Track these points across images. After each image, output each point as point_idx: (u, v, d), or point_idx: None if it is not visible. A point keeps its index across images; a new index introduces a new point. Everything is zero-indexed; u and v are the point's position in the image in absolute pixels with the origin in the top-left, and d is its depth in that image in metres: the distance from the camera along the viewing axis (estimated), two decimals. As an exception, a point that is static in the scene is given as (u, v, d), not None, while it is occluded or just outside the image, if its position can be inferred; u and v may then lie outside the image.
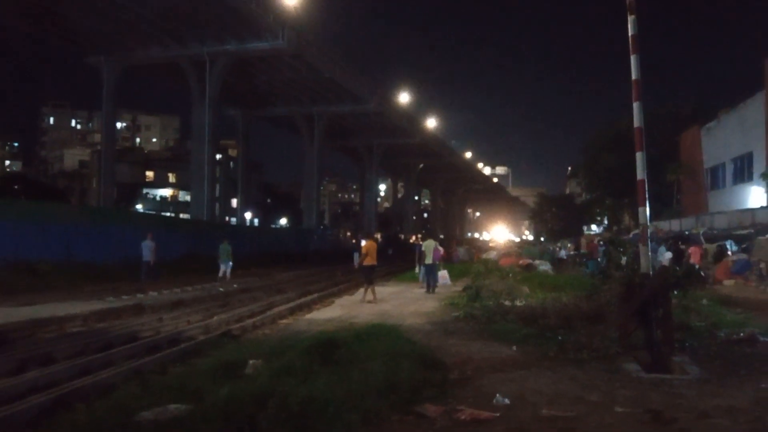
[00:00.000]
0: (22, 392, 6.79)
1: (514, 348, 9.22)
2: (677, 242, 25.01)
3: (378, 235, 73.81)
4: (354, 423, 5.05)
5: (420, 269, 20.43)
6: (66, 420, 5.36)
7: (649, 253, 9.17)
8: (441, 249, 20.43)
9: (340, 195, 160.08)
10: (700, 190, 38.13)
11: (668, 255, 22.27)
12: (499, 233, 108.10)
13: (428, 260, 19.24)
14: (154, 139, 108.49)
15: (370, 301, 16.06)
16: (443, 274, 19.96)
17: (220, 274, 23.56)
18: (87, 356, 8.97)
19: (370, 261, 16.51)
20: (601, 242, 28.12)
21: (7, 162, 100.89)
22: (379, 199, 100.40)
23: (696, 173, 38.50)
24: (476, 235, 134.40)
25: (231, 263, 24.04)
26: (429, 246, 19.57)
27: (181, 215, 57.04)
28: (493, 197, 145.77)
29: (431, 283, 19.08)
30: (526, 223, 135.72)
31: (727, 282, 19.30)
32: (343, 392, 5.64)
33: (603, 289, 12.39)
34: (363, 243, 16.72)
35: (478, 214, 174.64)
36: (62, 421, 5.34)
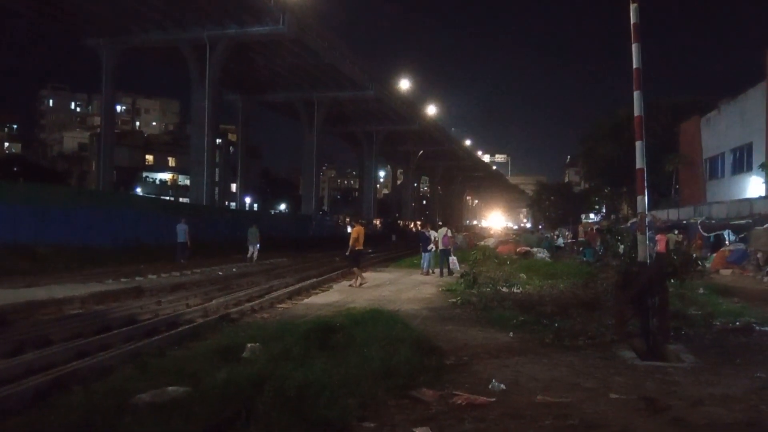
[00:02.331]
0: (19, 374, 6.80)
1: (511, 334, 9.27)
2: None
3: (378, 222, 73.89)
4: (351, 407, 5.07)
5: (423, 256, 20.74)
6: (63, 402, 5.38)
7: (647, 242, 9.19)
8: (450, 235, 21.45)
9: (339, 181, 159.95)
10: (698, 180, 38.11)
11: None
12: (496, 220, 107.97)
13: (440, 245, 20.50)
14: (154, 123, 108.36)
15: (361, 285, 16.17)
16: (453, 260, 20.68)
17: (248, 255, 26.01)
18: (85, 338, 8.99)
19: (359, 246, 16.64)
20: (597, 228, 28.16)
21: (6, 144, 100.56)
22: (378, 186, 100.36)
23: (695, 163, 38.46)
24: (475, 222, 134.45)
25: (258, 245, 26.29)
26: (440, 233, 20.83)
27: (181, 199, 57.03)
28: (492, 185, 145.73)
29: (443, 265, 20.19)
30: (525, 211, 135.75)
31: (724, 271, 19.36)
32: (340, 376, 5.67)
33: (600, 277, 12.44)
34: (349, 229, 17.02)
35: (476, 201, 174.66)
36: (59, 403, 5.36)
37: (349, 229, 18.10)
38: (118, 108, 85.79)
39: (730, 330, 9.74)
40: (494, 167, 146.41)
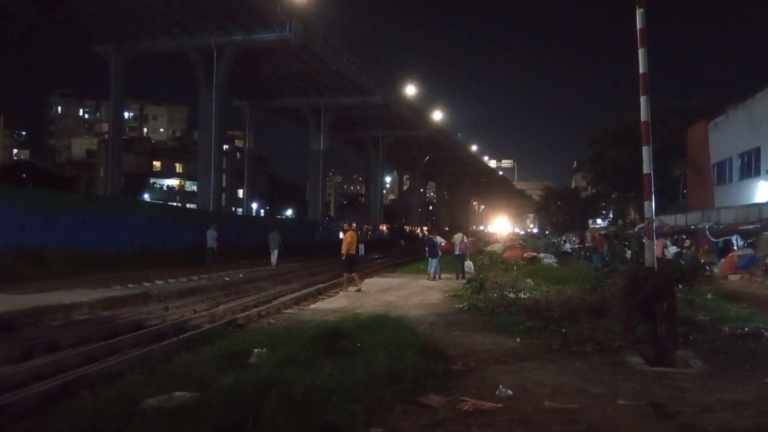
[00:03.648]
0: (28, 379, 6.84)
1: (518, 340, 9.24)
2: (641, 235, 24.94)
3: (384, 227, 73.94)
4: (357, 412, 5.07)
5: (430, 261, 20.81)
6: (71, 407, 5.40)
7: (654, 247, 9.15)
8: (465, 240, 22.25)
9: (345, 187, 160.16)
10: (706, 185, 37.92)
11: (673, 249, 22.23)
12: (501, 225, 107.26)
13: (456, 251, 21.47)
14: (162, 129, 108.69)
15: (358, 290, 16.26)
16: (469, 264, 21.11)
17: (272, 259, 27.17)
18: (93, 344, 9.03)
19: (351, 250, 16.64)
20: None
21: (15, 150, 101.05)
22: (384, 191, 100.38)
23: (702, 168, 38.26)
24: (481, 227, 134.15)
25: (278, 250, 27.41)
26: (457, 238, 21.73)
27: (188, 205, 57.19)
28: (498, 190, 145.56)
29: (459, 270, 20.85)
30: (532, 216, 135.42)
31: (733, 277, 19.23)
32: (346, 382, 5.67)
33: (607, 283, 12.40)
34: (341, 235, 17.12)
35: (483, 206, 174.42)
36: (68, 408, 5.38)
37: (341, 235, 18.41)
38: (126, 114, 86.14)
39: (739, 336, 9.68)
40: (501, 172, 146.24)
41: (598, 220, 67.00)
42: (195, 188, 51.90)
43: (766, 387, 6.57)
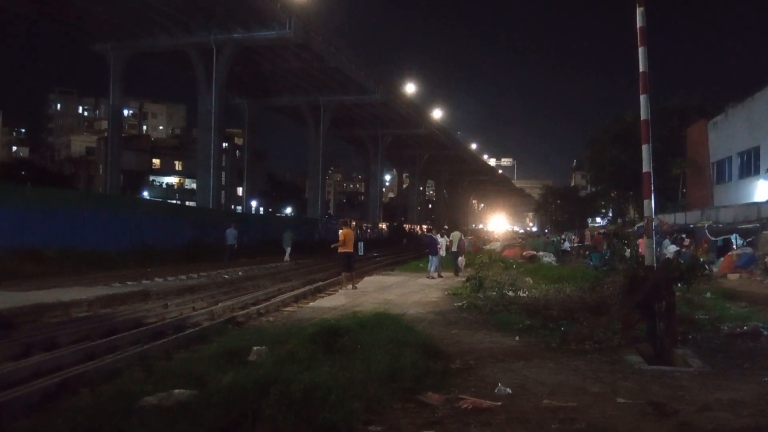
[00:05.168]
0: (27, 376, 6.83)
1: (517, 338, 9.24)
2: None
3: (384, 225, 73.96)
4: (356, 411, 5.06)
5: (430, 259, 20.85)
6: (70, 404, 5.40)
7: (654, 246, 9.14)
8: (464, 239, 23.23)
9: (345, 185, 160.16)
10: (705, 184, 37.92)
11: (673, 248, 22.21)
12: (498, 224, 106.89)
13: (454, 248, 22.22)
14: (161, 127, 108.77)
15: (354, 288, 16.34)
16: (461, 260, 22.05)
17: (286, 257, 29.12)
18: (92, 341, 9.03)
19: (346, 248, 16.59)
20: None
21: (14, 148, 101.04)
22: (384, 190, 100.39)
23: (702, 167, 38.26)
24: (480, 226, 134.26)
25: (290, 248, 29.42)
26: (455, 236, 22.61)
27: (187, 203, 57.22)
28: (498, 188, 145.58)
29: (455, 266, 21.80)
30: (531, 214, 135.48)
31: (732, 276, 19.25)
32: (345, 380, 5.67)
33: (606, 282, 12.38)
34: (339, 231, 17.10)
35: (482, 205, 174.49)
36: (66, 406, 5.38)
37: (339, 231, 18.42)
38: (126, 112, 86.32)
39: (738, 335, 9.68)
40: (500, 171, 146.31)
41: (598, 219, 67.05)
42: (194, 186, 51.89)
43: (764, 386, 6.57)
